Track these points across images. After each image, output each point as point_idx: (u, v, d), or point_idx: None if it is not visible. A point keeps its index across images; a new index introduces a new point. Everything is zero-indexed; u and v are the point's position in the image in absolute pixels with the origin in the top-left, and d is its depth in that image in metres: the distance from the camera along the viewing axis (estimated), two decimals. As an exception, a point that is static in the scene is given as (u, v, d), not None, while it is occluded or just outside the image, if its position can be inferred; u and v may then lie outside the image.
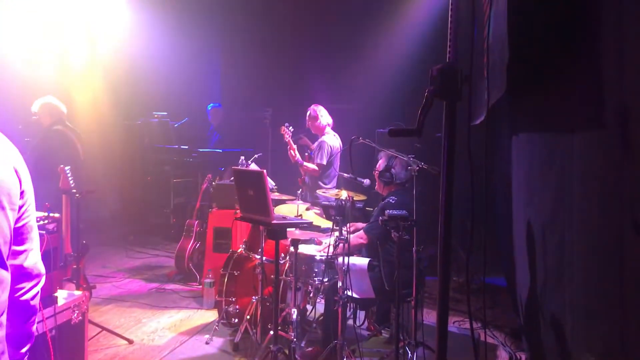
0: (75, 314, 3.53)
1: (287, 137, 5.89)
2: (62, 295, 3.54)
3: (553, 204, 3.26)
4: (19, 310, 1.73)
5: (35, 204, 1.84)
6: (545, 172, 3.42)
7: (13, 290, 1.70)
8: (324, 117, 6.01)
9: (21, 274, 1.73)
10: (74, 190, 4.35)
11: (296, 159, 5.95)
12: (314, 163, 5.91)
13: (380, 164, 4.44)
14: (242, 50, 9.02)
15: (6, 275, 1.64)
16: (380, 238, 4.19)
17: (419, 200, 3.85)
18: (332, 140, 5.98)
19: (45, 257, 3.27)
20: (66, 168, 4.32)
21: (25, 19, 7.06)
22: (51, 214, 3.56)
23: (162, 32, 8.37)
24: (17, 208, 1.68)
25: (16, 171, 1.70)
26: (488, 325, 4.98)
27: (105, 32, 8.30)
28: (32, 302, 1.77)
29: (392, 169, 4.31)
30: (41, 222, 3.43)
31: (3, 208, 1.62)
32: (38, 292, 1.81)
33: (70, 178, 4.32)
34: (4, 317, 1.64)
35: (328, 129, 6.04)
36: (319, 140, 6.01)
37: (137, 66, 8.41)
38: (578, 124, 2.73)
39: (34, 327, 1.82)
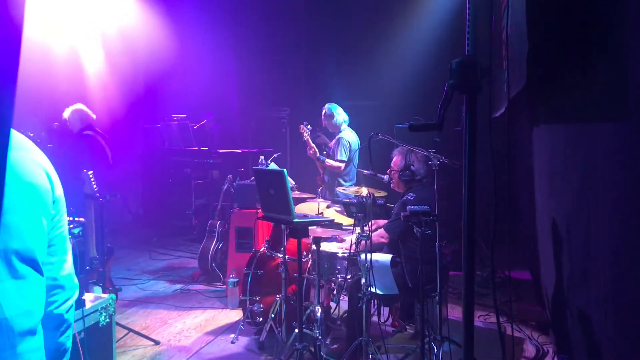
0: (103, 317, 3.59)
1: (306, 136, 5.89)
2: (89, 298, 3.59)
3: (576, 196, 3.22)
4: (54, 324, 1.66)
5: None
6: (568, 164, 3.38)
7: (47, 303, 1.62)
8: (340, 114, 6.01)
9: (55, 286, 1.66)
10: (97, 195, 4.42)
11: (317, 156, 5.93)
12: (334, 160, 5.91)
13: (396, 161, 4.40)
14: (258, 49, 9.05)
15: (42, 280, 1.57)
16: (401, 235, 4.17)
17: (438, 196, 3.83)
18: (350, 136, 5.98)
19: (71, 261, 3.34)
20: (89, 173, 4.38)
21: (33, 20, 7.10)
22: (76, 218, 3.61)
23: (178, 35, 8.43)
24: (51, 217, 1.62)
25: (49, 178, 1.64)
26: (514, 319, 4.93)
27: (119, 35, 8.36)
28: (66, 315, 1.70)
29: (412, 166, 4.28)
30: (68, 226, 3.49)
31: (39, 215, 1.56)
32: (72, 305, 1.74)
33: (93, 182, 4.38)
34: (40, 326, 1.58)
35: (345, 126, 6.04)
36: (337, 137, 6.01)
37: (154, 69, 8.49)
38: (601, 114, 2.69)
39: (69, 342, 1.75)
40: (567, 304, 3.55)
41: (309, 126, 5.92)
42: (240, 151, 7.95)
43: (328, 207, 5.05)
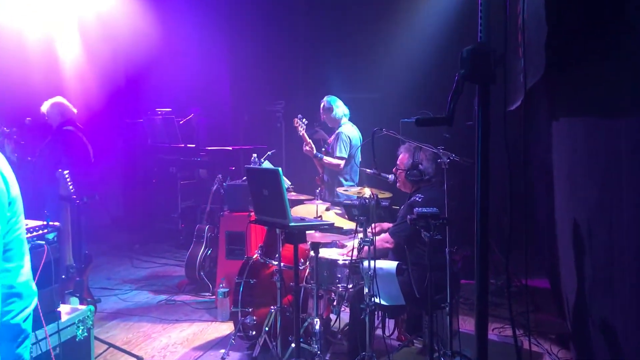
0: (80, 330, 3.58)
1: (301, 131, 5.88)
2: (65, 310, 3.59)
3: (599, 196, 3.22)
4: (11, 334, 1.67)
5: (30, 212, 1.77)
6: (590, 161, 3.38)
7: (2, 313, 1.63)
8: (340, 107, 6.01)
9: (11, 294, 1.67)
10: (74, 196, 4.41)
11: (314, 153, 5.92)
12: (333, 157, 5.91)
13: (403, 159, 4.40)
14: (251, 39, 9.03)
15: None
16: (408, 240, 4.17)
17: (448, 196, 3.83)
18: (350, 131, 5.97)
19: (45, 269, 3.34)
20: (65, 172, 4.38)
21: (3, 3, 7.08)
22: (51, 223, 3.60)
23: (164, 21, 8.42)
24: (6, 219, 1.63)
25: (3, 178, 1.64)
26: (532, 332, 4.94)
27: (98, 20, 8.33)
28: (23, 325, 1.72)
29: (420, 165, 4.27)
30: (40, 232, 3.48)
31: None
32: (30, 314, 1.75)
33: (69, 183, 4.37)
34: None
35: (345, 121, 6.03)
36: (336, 132, 6.00)
37: (136, 58, 8.46)
38: (625, 107, 2.69)
39: (27, 353, 1.76)
40: (590, 315, 3.56)
41: (304, 120, 5.91)
42: (230, 148, 7.95)
43: (327, 209, 5.05)
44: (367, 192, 4.06)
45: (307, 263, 4.58)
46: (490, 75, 1.68)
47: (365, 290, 3.91)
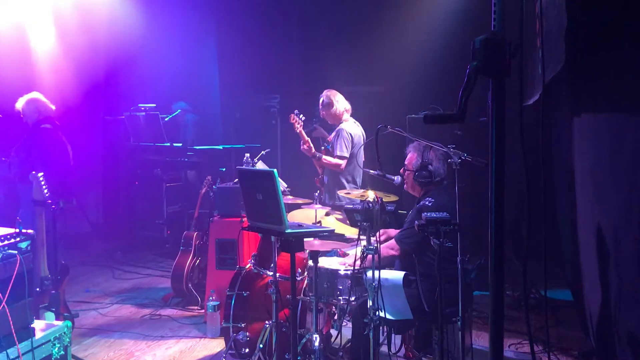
0: (57, 348, 3.58)
1: (298, 127, 5.88)
2: (39, 327, 3.59)
3: (627, 200, 3.22)
4: None
5: (1, 218, 1.77)
6: (616, 162, 3.38)
7: None
8: (340, 102, 6.00)
9: None
10: (49, 201, 4.41)
11: (312, 152, 5.92)
12: (333, 156, 5.90)
13: (411, 159, 4.40)
14: (242, 27, 9.02)
15: None
16: (416, 248, 4.17)
17: (459, 200, 3.83)
18: (352, 127, 5.96)
19: (18, 281, 3.34)
20: (39, 175, 4.38)
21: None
22: (24, 230, 3.60)
23: (146, 9, 8.42)
24: None
25: None
26: (552, 348, 4.94)
27: (74, 9, 8.30)
28: None
29: (430, 165, 4.27)
30: (12, 240, 3.47)
31: None
32: None
33: (44, 186, 4.37)
34: None
35: (346, 116, 6.02)
36: (336, 129, 6.00)
37: (117, 49, 8.45)
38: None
39: None
40: (616, 329, 3.56)
41: (301, 116, 5.90)
42: (221, 147, 7.96)
43: (327, 214, 5.05)
44: (370, 195, 4.05)
45: (305, 274, 4.57)
46: (505, 68, 1.68)
47: (369, 303, 3.90)
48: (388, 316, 4.02)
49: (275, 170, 3.68)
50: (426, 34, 7.60)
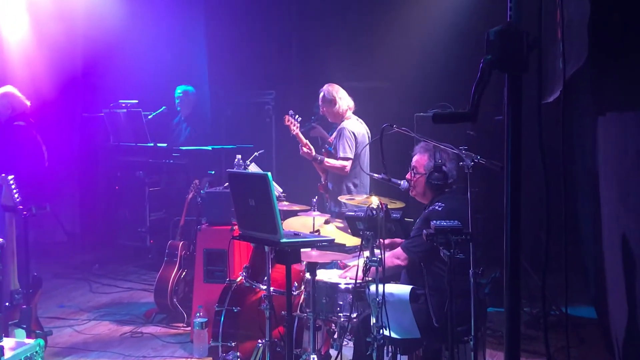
0: (28, 369, 3.58)
1: (295, 130, 5.87)
2: (9, 345, 3.58)
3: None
4: None
5: None
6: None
7: None
8: (343, 99, 5.99)
9: None
10: (20, 207, 4.40)
11: (313, 155, 5.90)
12: (336, 158, 5.88)
13: (421, 161, 4.37)
14: (234, 17, 9.03)
15: None
16: (424, 258, 4.17)
17: (472, 207, 3.83)
18: (355, 125, 5.94)
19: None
20: (9, 177, 4.38)
21: None
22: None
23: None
24: None
25: None
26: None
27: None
28: None
29: (444, 167, 4.24)
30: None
31: None
32: None
33: (15, 190, 4.37)
34: None
35: (349, 114, 6.01)
36: (338, 127, 5.98)
37: (96, 40, 8.45)
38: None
39: None
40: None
41: (297, 117, 5.89)
42: (210, 148, 7.95)
43: (327, 222, 5.04)
44: (374, 201, 4.05)
45: (302, 287, 4.58)
46: (522, 62, 1.68)
47: (373, 320, 3.90)
48: (393, 335, 4.02)
49: (269, 174, 3.69)
50: (436, 25, 7.61)
